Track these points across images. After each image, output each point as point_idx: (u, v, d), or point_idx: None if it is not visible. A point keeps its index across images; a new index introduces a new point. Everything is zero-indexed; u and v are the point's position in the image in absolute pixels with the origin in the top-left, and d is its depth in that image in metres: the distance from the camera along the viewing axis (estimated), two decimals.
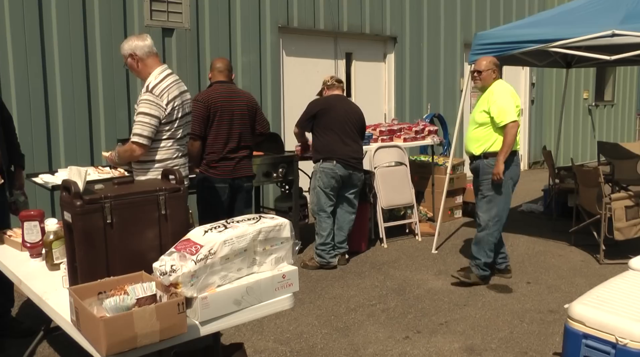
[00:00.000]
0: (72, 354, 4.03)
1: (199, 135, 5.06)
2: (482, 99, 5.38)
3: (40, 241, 3.36)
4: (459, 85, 10.78)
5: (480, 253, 5.40)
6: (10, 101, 6.13)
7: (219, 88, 5.19)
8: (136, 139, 3.88)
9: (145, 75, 4.03)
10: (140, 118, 3.88)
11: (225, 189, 5.12)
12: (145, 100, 3.89)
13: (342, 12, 8.90)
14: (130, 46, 4.02)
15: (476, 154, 5.39)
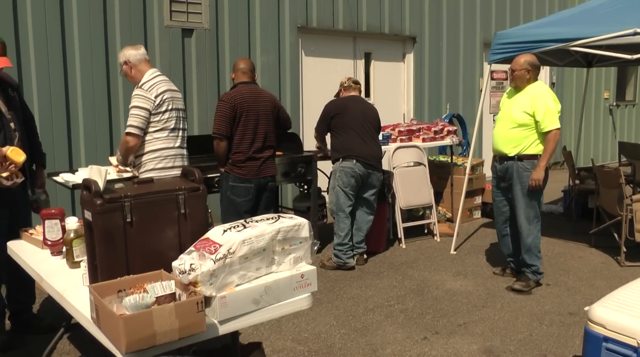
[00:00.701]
0: (92, 351, 4.06)
1: (225, 135, 5.13)
2: (521, 99, 5.22)
3: (61, 239, 3.39)
4: (478, 85, 10.72)
5: (533, 259, 5.32)
6: (32, 101, 6.19)
7: (244, 89, 5.24)
8: (128, 129, 4.38)
9: (139, 79, 4.52)
10: (131, 111, 4.40)
11: (250, 189, 5.18)
12: (135, 95, 4.42)
13: (361, 12, 8.89)
14: (124, 54, 4.57)
15: (509, 155, 5.24)
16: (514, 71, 5.27)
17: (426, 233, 7.31)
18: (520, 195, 5.24)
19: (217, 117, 5.15)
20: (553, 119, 5.10)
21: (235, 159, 5.16)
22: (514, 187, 5.26)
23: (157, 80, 4.48)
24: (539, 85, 5.28)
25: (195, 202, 2.79)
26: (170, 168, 4.51)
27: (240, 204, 5.18)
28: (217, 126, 5.13)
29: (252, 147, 5.18)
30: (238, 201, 5.18)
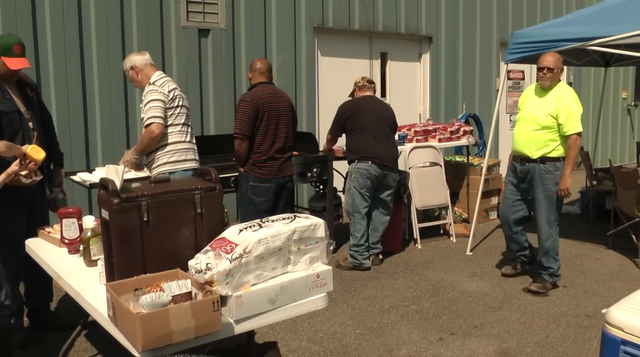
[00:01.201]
0: (108, 349, 4.09)
1: (248, 135, 5.14)
2: (546, 101, 5.15)
3: (78, 237, 3.41)
4: (494, 84, 10.66)
5: (551, 261, 5.29)
6: (50, 101, 6.25)
7: (263, 89, 5.26)
8: (151, 120, 4.44)
9: (145, 82, 4.65)
10: (149, 105, 4.47)
11: (270, 189, 5.21)
12: (149, 91, 4.52)
13: (377, 12, 8.88)
14: (130, 60, 4.72)
15: (533, 157, 5.17)
16: (549, 69, 5.10)
17: (442, 234, 7.28)
18: (542, 198, 5.19)
19: (240, 117, 5.15)
20: (575, 122, 5.04)
21: (256, 159, 5.17)
22: (536, 189, 5.21)
23: (165, 79, 4.64)
24: (565, 86, 5.24)
25: (211, 202, 2.80)
26: (182, 161, 4.57)
27: (261, 203, 5.20)
28: (240, 126, 5.13)
29: (273, 147, 5.20)
30: (258, 201, 5.19)
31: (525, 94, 5.45)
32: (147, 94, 4.53)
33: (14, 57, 4.01)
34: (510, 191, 5.48)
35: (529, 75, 11.13)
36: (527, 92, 5.44)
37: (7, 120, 3.99)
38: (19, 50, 4.05)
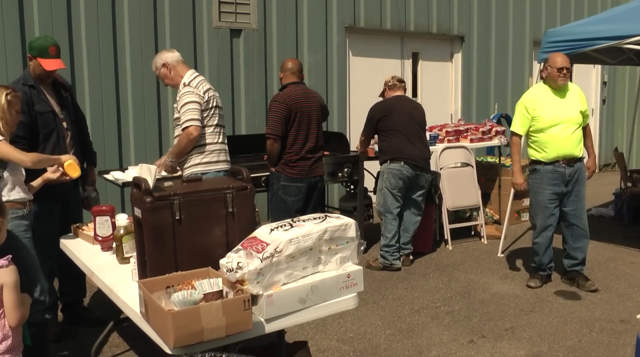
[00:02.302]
0: (140, 345, 4.14)
1: (280, 136, 5.11)
2: (573, 99, 5.16)
3: (111, 235, 3.46)
4: (527, 84, 10.51)
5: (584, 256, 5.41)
6: (84, 101, 6.35)
7: (295, 89, 5.24)
8: (189, 123, 4.38)
9: (178, 80, 4.58)
10: (186, 107, 4.40)
11: (302, 188, 5.19)
12: (186, 92, 4.45)
13: (408, 12, 8.84)
14: (162, 58, 4.63)
15: (578, 156, 5.19)
16: (567, 69, 5.09)
17: (473, 235, 7.21)
18: (583, 194, 5.24)
19: (273, 118, 5.12)
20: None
21: (288, 159, 5.16)
22: (580, 187, 5.22)
23: (199, 79, 4.55)
24: (571, 82, 5.35)
25: (243, 201, 2.81)
26: (215, 163, 4.56)
27: (292, 203, 5.19)
28: (273, 127, 5.10)
29: (305, 147, 5.18)
30: (290, 200, 5.19)
31: (539, 98, 5.22)
32: (184, 95, 4.45)
33: (49, 59, 4.09)
34: (551, 200, 5.23)
35: None
36: (540, 96, 5.23)
37: (42, 121, 4.08)
38: (54, 52, 4.13)
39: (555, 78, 5.14)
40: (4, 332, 2.64)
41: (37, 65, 4.13)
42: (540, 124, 5.18)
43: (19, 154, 3.48)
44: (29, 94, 4.05)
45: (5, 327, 2.64)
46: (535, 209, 5.35)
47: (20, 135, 3.99)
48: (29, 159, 3.51)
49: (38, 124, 4.08)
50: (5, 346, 2.64)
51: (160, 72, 4.64)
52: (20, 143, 3.97)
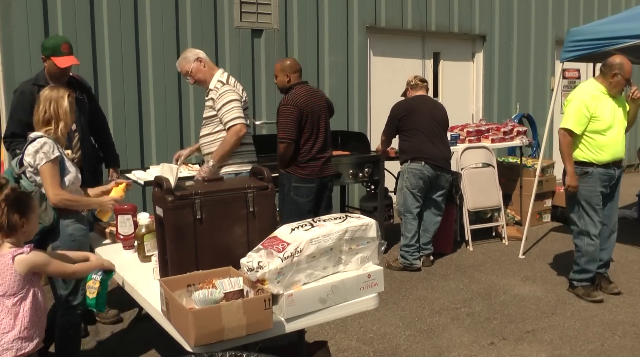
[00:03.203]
0: (161, 342, 4.17)
1: (295, 139, 4.99)
2: (621, 103, 5.09)
3: (133, 233, 3.49)
4: (549, 84, 10.42)
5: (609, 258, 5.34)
6: (106, 102, 6.41)
7: (302, 89, 5.11)
8: (236, 121, 4.38)
9: (210, 76, 4.56)
10: (230, 105, 4.39)
11: (312, 189, 5.11)
12: (227, 91, 4.44)
13: (430, 11, 8.80)
14: (195, 53, 4.59)
15: (622, 159, 5.16)
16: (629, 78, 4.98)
17: (494, 236, 7.17)
18: (618, 195, 5.23)
19: (286, 121, 4.97)
20: None
21: (299, 160, 5.06)
22: (618, 188, 5.20)
23: (233, 79, 4.58)
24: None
25: (263, 201, 2.82)
26: (248, 163, 4.53)
27: (303, 204, 5.11)
28: (288, 130, 4.95)
29: (315, 147, 5.10)
30: (301, 202, 5.11)
31: (599, 97, 5.00)
32: (225, 93, 4.42)
33: (62, 56, 4.20)
34: (600, 203, 5.08)
35: (584, 74, 10.86)
36: (598, 95, 5.01)
37: None
38: (66, 49, 4.23)
39: (620, 86, 4.98)
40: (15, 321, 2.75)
41: (51, 65, 4.23)
42: (599, 126, 4.96)
43: (52, 188, 3.35)
44: (36, 93, 4.06)
45: (18, 315, 2.75)
46: (585, 213, 5.05)
47: (17, 133, 4.15)
48: (56, 198, 3.35)
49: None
50: (15, 334, 2.74)
51: (193, 67, 4.54)
52: (16, 140, 4.15)
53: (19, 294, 2.74)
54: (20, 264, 2.72)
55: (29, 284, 2.78)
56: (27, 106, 4.02)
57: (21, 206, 2.80)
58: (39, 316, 2.86)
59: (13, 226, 2.76)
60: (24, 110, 4.08)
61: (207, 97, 4.57)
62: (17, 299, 2.74)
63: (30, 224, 2.85)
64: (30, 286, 2.78)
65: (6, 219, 2.73)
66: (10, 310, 2.73)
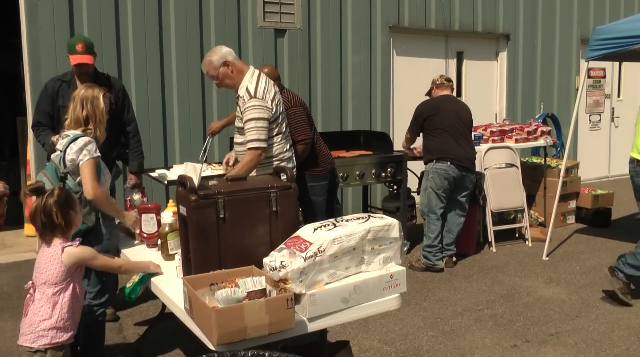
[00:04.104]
0: (183, 340, 4.20)
1: (312, 138, 4.94)
2: None
3: (156, 232, 3.51)
4: (574, 83, 10.31)
5: None
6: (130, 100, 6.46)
7: (290, 92, 5.04)
8: (256, 144, 4.09)
9: (239, 80, 4.22)
10: (252, 124, 4.08)
11: (325, 186, 5.06)
12: (252, 107, 4.09)
13: (453, 11, 8.75)
14: (221, 55, 4.20)
15: None
16: None
17: (517, 237, 7.11)
18: None
19: (300, 123, 4.86)
20: None
21: (312, 158, 4.97)
22: None
23: (263, 84, 4.17)
24: None
25: (286, 200, 2.83)
26: None
27: (320, 203, 5.04)
28: (305, 131, 4.86)
29: (320, 141, 5.06)
30: (318, 201, 5.04)
31: None
32: (250, 109, 4.09)
33: (75, 54, 4.39)
34: None
35: (610, 73, 10.74)
36: None
37: (64, 113, 4.27)
38: (80, 48, 4.40)
39: None
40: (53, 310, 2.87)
41: (69, 62, 4.47)
42: None
43: (92, 182, 3.36)
44: (57, 88, 4.47)
45: (57, 305, 2.86)
46: None
47: (42, 122, 4.49)
48: (95, 192, 3.36)
49: (60, 116, 4.34)
50: (51, 323, 2.86)
51: (220, 72, 4.20)
52: (42, 128, 4.48)
53: (59, 285, 2.87)
54: (68, 256, 2.87)
55: (70, 277, 2.90)
56: (48, 99, 4.49)
57: (72, 202, 2.97)
58: (76, 310, 2.97)
59: (69, 223, 2.93)
60: (46, 102, 4.50)
61: (237, 103, 4.32)
62: (57, 289, 2.87)
63: (77, 216, 3.01)
64: (71, 279, 2.91)
65: (62, 219, 2.89)
66: (50, 299, 2.86)
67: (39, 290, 2.88)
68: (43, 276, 2.87)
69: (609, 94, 10.90)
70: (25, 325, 2.88)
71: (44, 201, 2.88)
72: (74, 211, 2.95)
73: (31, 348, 2.85)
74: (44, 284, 2.86)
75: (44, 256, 2.90)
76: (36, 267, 2.93)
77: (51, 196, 2.89)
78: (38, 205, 2.89)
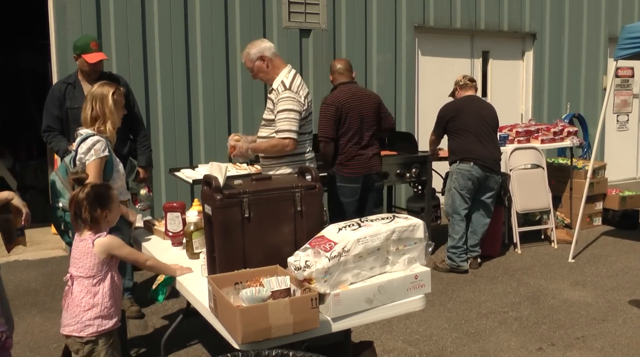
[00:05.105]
0: (208, 338, 4.23)
1: (332, 137, 5.09)
2: None
3: (182, 231, 3.54)
4: (601, 83, 10.17)
5: None
6: (156, 101, 6.56)
7: (344, 89, 5.22)
8: (287, 134, 4.07)
9: (274, 75, 4.23)
10: (286, 114, 4.07)
11: (357, 190, 5.14)
12: (287, 98, 4.08)
13: (479, 10, 8.68)
14: (259, 49, 4.23)
15: None
16: None
17: (543, 239, 7.03)
18: None
19: (323, 120, 5.10)
20: None
21: (342, 159, 5.12)
22: None
23: (299, 81, 4.22)
24: None
25: (311, 200, 2.82)
26: None
27: (348, 204, 5.13)
28: (324, 129, 5.09)
29: (358, 145, 5.12)
30: (345, 202, 5.13)
31: None
32: (285, 101, 4.08)
33: (91, 53, 4.48)
34: None
35: (638, 72, 10.57)
36: None
37: (72, 115, 4.47)
38: (95, 46, 4.52)
39: None
40: (95, 300, 2.95)
41: (82, 62, 4.54)
42: None
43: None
44: (63, 91, 4.56)
45: (98, 295, 2.95)
46: None
47: (52, 126, 4.58)
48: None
49: (69, 119, 4.50)
50: (95, 312, 2.94)
51: (255, 65, 4.24)
52: (52, 133, 4.55)
53: (97, 276, 2.96)
54: (99, 247, 2.94)
55: (106, 267, 2.98)
56: (56, 102, 4.59)
57: (102, 200, 3.00)
58: (117, 296, 3.06)
59: (95, 219, 2.97)
60: (55, 106, 4.60)
61: (269, 96, 4.31)
62: (96, 280, 2.96)
63: (112, 213, 3.06)
64: (108, 269, 2.99)
65: (89, 215, 2.95)
66: (90, 290, 2.94)
67: (77, 282, 2.97)
68: (80, 270, 2.96)
69: (638, 93, 10.73)
70: (69, 316, 2.96)
71: (78, 193, 2.97)
72: (103, 208, 2.99)
73: (81, 338, 2.95)
74: (82, 277, 2.95)
75: (77, 249, 2.99)
76: (72, 261, 3.01)
77: (83, 190, 2.97)
78: (74, 195, 2.99)
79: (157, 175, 6.58)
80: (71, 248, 3.13)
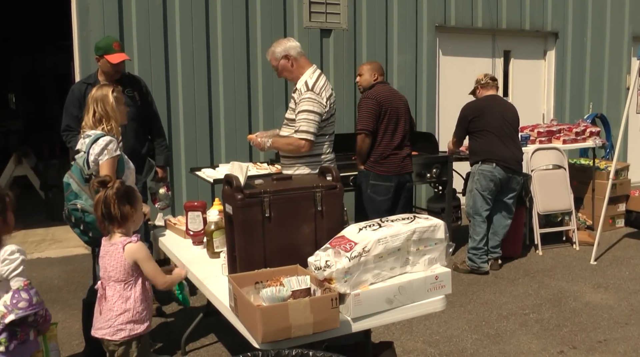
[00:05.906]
0: (228, 337, 4.25)
1: (372, 131, 5.10)
2: None
3: (202, 230, 3.56)
4: (624, 82, 10.04)
5: None
6: (177, 102, 6.60)
7: (383, 88, 5.26)
8: (304, 135, 4.03)
9: (298, 75, 4.20)
10: (305, 115, 4.03)
11: (390, 188, 5.14)
12: (309, 99, 4.04)
13: (500, 9, 8.62)
14: (285, 48, 4.18)
15: None
16: None
17: (564, 240, 6.97)
18: None
19: (364, 113, 5.11)
20: None
21: (377, 156, 5.13)
22: None
23: (323, 82, 4.16)
24: None
25: (332, 200, 2.82)
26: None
27: (380, 202, 5.13)
28: (365, 122, 5.08)
29: (393, 144, 5.14)
30: (378, 200, 5.13)
31: None
32: (306, 101, 4.04)
33: (114, 54, 4.52)
34: None
35: None
36: None
37: None
38: (117, 47, 4.57)
39: None
40: (127, 305, 2.98)
41: (104, 63, 4.58)
42: None
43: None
44: (83, 91, 4.55)
45: (130, 300, 2.98)
46: None
47: (72, 126, 4.58)
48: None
49: None
50: (127, 317, 2.98)
51: (280, 64, 4.20)
52: (72, 133, 4.55)
53: (129, 281, 2.99)
54: (129, 253, 2.96)
55: (137, 272, 3.01)
56: (76, 102, 4.61)
57: (130, 198, 3.04)
58: (148, 301, 3.09)
59: (125, 216, 3.00)
60: (74, 105, 4.63)
61: (292, 95, 4.26)
62: (128, 285, 2.98)
63: (137, 214, 3.09)
64: (138, 274, 3.02)
65: (118, 211, 2.98)
66: (122, 294, 2.98)
67: (109, 287, 3.00)
68: (111, 275, 2.99)
69: None
70: (102, 320, 3.00)
71: (105, 192, 3.00)
72: (132, 206, 3.03)
73: (116, 341, 2.99)
74: (114, 281, 2.98)
75: (108, 254, 3.01)
76: (102, 266, 3.04)
77: (111, 188, 3.00)
78: (100, 196, 3.01)
79: (178, 175, 6.64)
80: (98, 250, 3.17)
